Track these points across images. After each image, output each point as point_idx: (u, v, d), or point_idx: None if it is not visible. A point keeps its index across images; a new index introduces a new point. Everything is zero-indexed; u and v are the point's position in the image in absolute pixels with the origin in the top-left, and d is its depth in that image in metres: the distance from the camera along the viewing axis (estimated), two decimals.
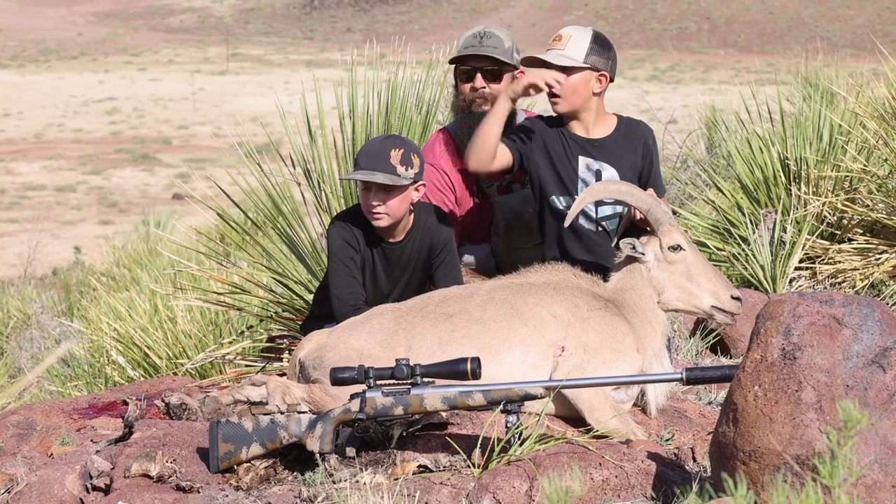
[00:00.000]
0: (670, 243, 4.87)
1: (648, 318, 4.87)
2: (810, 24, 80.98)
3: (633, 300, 4.88)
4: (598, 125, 5.42)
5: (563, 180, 5.37)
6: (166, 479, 4.31)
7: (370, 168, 5.25)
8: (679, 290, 4.88)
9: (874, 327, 3.67)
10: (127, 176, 39.21)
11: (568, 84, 5.33)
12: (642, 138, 5.45)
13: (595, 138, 5.40)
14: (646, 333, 4.83)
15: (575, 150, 5.39)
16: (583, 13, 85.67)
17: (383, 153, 5.26)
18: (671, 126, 11.68)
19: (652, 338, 4.85)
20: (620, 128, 5.45)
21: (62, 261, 20.38)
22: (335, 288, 5.35)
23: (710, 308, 4.87)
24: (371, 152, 5.28)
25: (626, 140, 5.42)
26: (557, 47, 5.36)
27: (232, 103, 52.99)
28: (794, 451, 3.50)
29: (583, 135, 5.41)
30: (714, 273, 4.93)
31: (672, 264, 4.87)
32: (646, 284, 4.90)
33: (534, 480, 4.07)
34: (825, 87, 9.45)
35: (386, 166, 5.24)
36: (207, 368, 6.76)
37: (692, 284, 4.86)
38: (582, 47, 5.34)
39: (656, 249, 4.89)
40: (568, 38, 5.36)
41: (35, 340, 10.87)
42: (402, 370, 4.29)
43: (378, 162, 5.25)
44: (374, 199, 5.28)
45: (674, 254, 4.86)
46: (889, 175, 7.05)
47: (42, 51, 79.04)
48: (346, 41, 72.56)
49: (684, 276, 4.86)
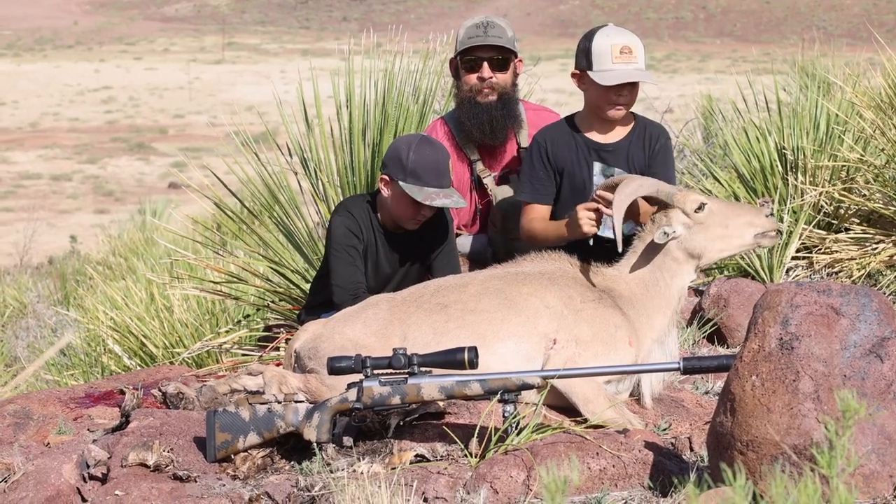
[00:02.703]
0: (693, 206, 4.80)
1: (653, 305, 4.83)
2: (806, 13, 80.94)
3: (638, 290, 4.84)
4: (619, 127, 5.40)
5: (577, 188, 5.37)
6: (163, 468, 4.31)
7: (443, 186, 5.26)
8: (721, 241, 4.82)
9: (872, 317, 3.67)
10: (123, 165, 39.14)
11: (636, 95, 5.34)
12: (653, 140, 5.42)
13: (609, 143, 5.37)
14: (641, 323, 4.81)
15: (590, 157, 5.36)
16: (578, 3, 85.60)
17: (446, 168, 5.28)
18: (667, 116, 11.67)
19: (649, 327, 4.83)
20: (636, 130, 5.43)
21: (58, 250, 20.34)
22: (336, 277, 5.34)
23: (753, 239, 4.83)
24: (442, 170, 5.27)
25: (639, 143, 5.39)
26: (633, 62, 5.27)
27: (228, 92, 52.87)
28: (792, 440, 3.50)
29: (599, 140, 5.37)
30: (738, 206, 4.91)
31: (705, 223, 4.80)
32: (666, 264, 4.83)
33: (531, 470, 4.07)
34: (822, 76, 9.44)
35: (450, 181, 5.30)
36: (204, 358, 6.76)
37: (729, 229, 4.81)
38: (643, 55, 5.31)
39: (683, 219, 4.81)
40: (636, 48, 5.28)
41: (31, 329, 10.86)
42: (400, 359, 4.28)
43: (448, 179, 5.29)
44: (428, 212, 5.34)
45: (701, 213, 4.79)
46: (886, 165, 7.05)
47: (37, 40, 78.87)
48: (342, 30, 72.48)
49: (720, 226, 4.80)
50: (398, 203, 5.32)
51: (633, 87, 5.33)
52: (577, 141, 5.38)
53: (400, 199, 5.30)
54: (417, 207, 5.29)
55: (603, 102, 5.32)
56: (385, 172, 5.32)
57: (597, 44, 5.28)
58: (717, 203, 4.88)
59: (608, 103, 5.32)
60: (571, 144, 5.38)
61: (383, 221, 5.42)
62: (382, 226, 5.42)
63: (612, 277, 4.89)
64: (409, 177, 5.22)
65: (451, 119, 6.09)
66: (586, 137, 5.38)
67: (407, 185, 5.22)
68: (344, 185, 6.76)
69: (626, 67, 5.25)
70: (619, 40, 5.27)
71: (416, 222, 5.36)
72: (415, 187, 5.21)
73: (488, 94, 5.91)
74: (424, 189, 5.23)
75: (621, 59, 5.24)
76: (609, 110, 5.33)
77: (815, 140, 7.31)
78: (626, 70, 5.25)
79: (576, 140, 5.38)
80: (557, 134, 5.44)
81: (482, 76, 5.91)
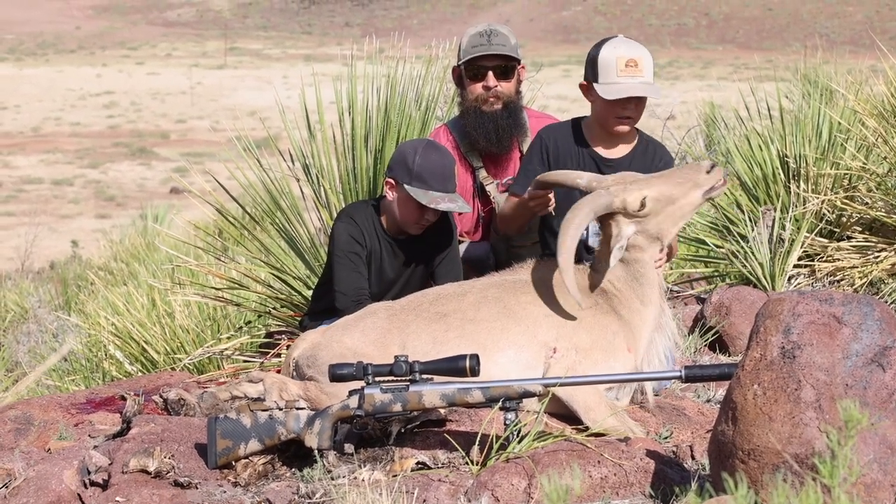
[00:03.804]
0: (635, 206, 4.73)
1: (640, 295, 4.79)
2: (809, 20, 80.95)
3: (622, 287, 4.82)
4: (623, 141, 5.34)
5: (572, 196, 5.33)
6: (164, 474, 4.31)
7: (449, 191, 5.26)
8: (675, 217, 4.75)
9: (874, 326, 3.67)
10: (124, 170, 39.15)
11: (643, 109, 5.27)
12: (656, 159, 5.34)
13: (612, 158, 5.32)
14: (636, 321, 4.78)
15: (590, 167, 5.30)
16: (581, 9, 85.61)
17: (452, 172, 5.29)
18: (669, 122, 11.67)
19: (642, 320, 4.78)
20: (639, 147, 5.36)
21: (59, 254, 20.32)
22: (339, 283, 5.34)
23: (702, 198, 4.77)
24: (447, 175, 5.27)
25: (641, 160, 5.31)
26: (639, 75, 5.17)
27: (230, 97, 52.90)
28: (794, 449, 3.50)
29: (603, 153, 5.32)
30: (677, 174, 4.79)
31: (651, 212, 4.74)
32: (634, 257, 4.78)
33: (532, 478, 4.06)
34: (824, 84, 9.44)
35: (456, 185, 5.30)
36: (205, 364, 6.76)
37: (678, 202, 4.74)
38: (652, 67, 5.22)
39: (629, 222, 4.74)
40: (643, 61, 5.18)
41: (32, 334, 10.85)
42: (401, 367, 4.29)
43: (453, 183, 5.29)
44: (433, 216, 5.33)
45: (646, 206, 4.72)
46: (888, 173, 7.04)
47: (39, 44, 78.92)
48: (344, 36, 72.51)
49: (668, 205, 4.74)
50: (403, 206, 5.32)
51: (640, 101, 5.23)
52: (581, 151, 5.34)
53: (405, 203, 5.31)
54: (422, 211, 5.29)
55: (608, 116, 5.24)
56: (390, 176, 5.33)
57: (603, 55, 5.19)
58: (657, 184, 4.75)
59: (613, 117, 5.23)
60: (574, 153, 5.35)
61: (387, 227, 5.42)
62: (386, 232, 5.42)
63: (598, 280, 4.86)
64: (415, 180, 5.22)
65: (455, 126, 6.08)
66: (591, 149, 5.33)
67: (412, 189, 5.22)
68: (346, 191, 6.76)
69: (632, 81, 5.15)
70: (625, 52, 5.17)
71: (419, 227, 5.36)
72: (420, 191, 5.21)
73: (493, 104, 5.91)
74: (429, 193, 5.23)
75: (627, 72, 5.15)
76: (615, 125, 5.25)
77: (817, 148, 7.31)
78: (630, 84, 5.15)
79: (580, 149, 5.34)
80: (562, 138, 5.37)
81: (487, 85, 5.91)
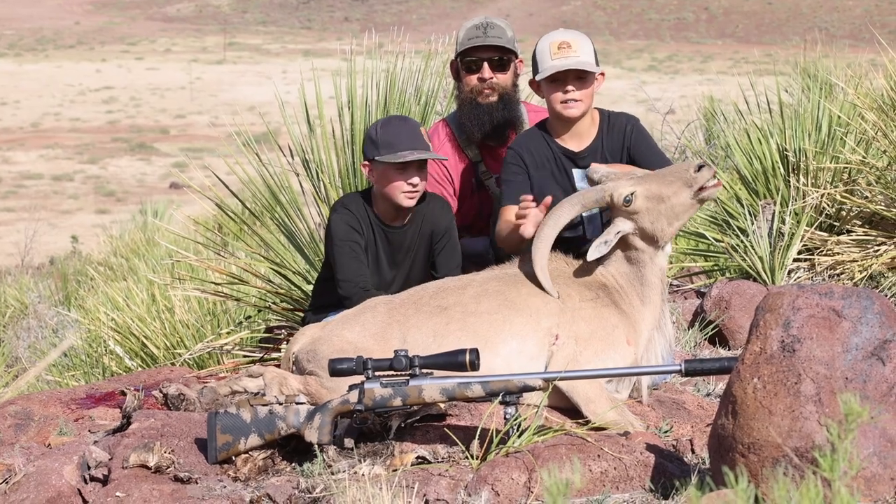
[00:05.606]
0: (618, 200, 4.74)
1: (641, 294, 4.80)
2: (808, 14, 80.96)
3: (623, 283, 4.83)
4: (588, 129, 5.34)
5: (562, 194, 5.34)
6: (164, 469, 4.31)
7: (417, 148, 5.28)
8: (667, 216, 4.73)
9: (873, 320, 3.67)
10: (124, 165, 39.17)
11: (588, 91, 5.27)
12: (623, 130, 5.36)
13: (581, 150, 5.33)
14: (636, 317, 4.79)
15: (567, 164, 5.33)
16: (580, 3, 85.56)
17: (417, 132, 5.32)
18: (669, 117, 11.66)
19: (641, 318, 4.80)
20: (603, 127, 5.37)
21: (59, 250, 20.32)
22: (342, 270, 5.33)
23: (694, 198, 4.74)
24: (412, 133, 5.30)
25: (610, 139, 5.33)
26: (572, 55, 5.22)
27: (229, 93, 52.91)
28: (794, 443, 3.50)
29: (571, 147, 5.33)
30: (667, 173, 4.80)
31: (641, 209, 4.75)
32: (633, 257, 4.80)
33: (532, 472, 4.07)
34: (824, 77, 9.43)
35: (425, 144, 5.32)
36: (205, 359, 6.75)
37: (668, 201, 4.72)
38: (590, 50, 5.28)
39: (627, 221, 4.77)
40: (577, 43, 5.24)
41: (32, 330, 10.85)
42: (401, 361, 4.29)
43: (421, 141, 5.30)
44: (416, 178, 5.31)
45: (634, 202, 4.73)
46: (888, 167, 7.04)
47: (39, 39, 78.90)
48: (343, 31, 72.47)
49: (657, 202, 4.73)
50: (383, 179, 5.33)
51: (583, 81, 5.24)
52: (553, 151, 5.36)
53: (383, 175, 5.32)
54: (401, 174, 5.30)
55: (555, 102, 5.28)
56: (365, 159, 5.37)
57: (538, 47, 5.32)
58: (647, 182, 4.76)
59: (559, 102, 5.27)
60: (549, 156, 5.36)
61: (381, 215, 5.42)
62: (380, 220, 5.43)
63: (601, 274, 4.87)
64: (383, 148, 5.27)
65: (453, 121, 6.08)
66: (560, 146, 5.35)
67: (382, 157, 5.25)
68: (345, 186, 6.76)
69: (564, 61, 5.21)
70: (557, 37, 5.27)
71: (408, 196, 5.34)
72: (389, 154, 5.24)
73: (489, 95, 5.90)
74: (399, 153, 5.27)
75: (560, 53, 5.22)
76: (563, 110, 5.26)
77: (816, 142, 7.31)
78: (562, 63, 5.22)
79: (552, 150, 5.36)
80: (534, 145, 5.37)
81: (482, 77, 5.91)
